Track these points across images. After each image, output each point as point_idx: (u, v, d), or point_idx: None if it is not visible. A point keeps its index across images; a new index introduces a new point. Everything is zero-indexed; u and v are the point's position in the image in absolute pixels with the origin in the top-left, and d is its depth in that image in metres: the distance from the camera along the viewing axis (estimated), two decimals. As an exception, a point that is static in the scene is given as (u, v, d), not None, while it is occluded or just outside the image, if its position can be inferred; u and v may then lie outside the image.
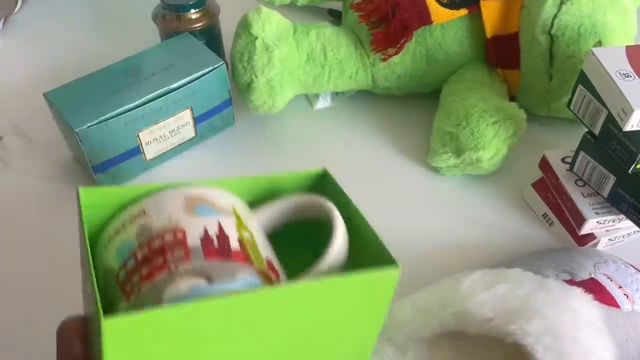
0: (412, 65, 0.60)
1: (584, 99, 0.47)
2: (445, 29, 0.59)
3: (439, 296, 0.39)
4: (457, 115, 0.55)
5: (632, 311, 0.40)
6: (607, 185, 0.47)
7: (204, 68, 0.55)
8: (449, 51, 0.60)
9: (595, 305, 0.37)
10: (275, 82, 0.56)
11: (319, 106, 0.65)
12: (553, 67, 0.56)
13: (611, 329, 0.37)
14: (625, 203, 0.46)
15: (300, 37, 0.58)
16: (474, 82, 0.59)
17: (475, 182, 0.56)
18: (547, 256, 0.45)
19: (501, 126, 0.53)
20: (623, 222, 0.48)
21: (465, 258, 0.49)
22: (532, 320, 0.35)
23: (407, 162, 0.59)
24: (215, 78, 0.56)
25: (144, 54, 0.57)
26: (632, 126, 0.43)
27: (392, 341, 0.40)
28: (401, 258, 0.49)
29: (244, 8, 0.59)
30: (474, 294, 0.37)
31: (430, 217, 0.53)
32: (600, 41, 0.54)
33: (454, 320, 0.38)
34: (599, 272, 0.42)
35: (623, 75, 0.44)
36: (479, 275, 0.39)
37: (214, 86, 0.56)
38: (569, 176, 0.50)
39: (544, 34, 0.55)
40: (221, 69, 0.56)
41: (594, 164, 0.48)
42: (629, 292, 0.41)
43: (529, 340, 0.34)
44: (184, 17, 0.61)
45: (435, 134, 0.57)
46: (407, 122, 0.63)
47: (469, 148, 0.53)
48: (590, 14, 0.53)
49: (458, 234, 0.52)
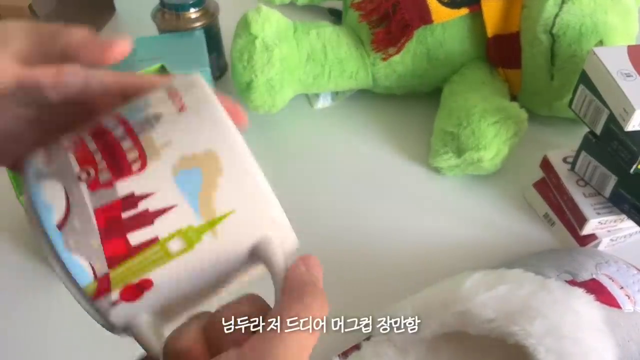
0: (412, 65, 0.60)
1: (585, 98, 0.47)
2: (446, 28, 0.58)
3: (439, 297, 0.39)
4: (458, 115, 0.54)
5: (634, 312, 0.40)
6: (609, 185, 0.47)
7: (187, 69, 0.54)
8: (449, 50, 0.59)
9: (597, 306, 0.37)
10: (275, 82, 0.56)
11: (319, 106, 0.64)
12: (554, 66, 0.56)
13: (612, 329, 0.36)
14: (626, 203, 0.46)
15: (300, 36, 0.58)
16: (475, 81, 0.58)
17: (476, 183, 0.56)
18: (548, 257, 0.45)
19: (502, 126, 0.52)
20: (624, 223, 0.48)
21: (466, 258, 0.49)
22: (534, 321, 0.35)
23: (407, 162, 0.58)
24: None
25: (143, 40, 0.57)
26: (633, 126, 0.42)
27: (393, 342, 0.40)
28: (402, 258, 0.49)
29: (244, 7, 0.58)
30: (475, 294, 0.37)
31: (431, 217, 0.53)
32: (602, 41, 0.53)
33: (455, 321, 0.37)
34: (600, 272, 0.42)
35: (625, 75, 0.43)
36: (480, 275, 0.39)
37: None
38: (571, 176, 0.50)
39: (546, 34, 0.55)
40: (204, 73, 0.55)
41: (596, 164, 0.48)
42: (631, 293, 0.41)
43: (530, 341, 0.34)
44: (183, 16, 0.61)
45: (436, 134, 0.57)
46: (407, 122, 0.63)
47: (470, 148, 0.52)
48: (592, 14, 0.53)
49: (459, 234, 0.52)
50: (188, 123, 0.22)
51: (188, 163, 0.21)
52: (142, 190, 0.21)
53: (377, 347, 0.40)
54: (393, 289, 0.44)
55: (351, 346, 0.41)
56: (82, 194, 0.21)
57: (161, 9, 0.62)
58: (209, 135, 0.22)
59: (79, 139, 0.22)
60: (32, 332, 0.45)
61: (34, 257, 0.50)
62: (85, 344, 0.44)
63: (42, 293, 0.48)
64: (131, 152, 0.21)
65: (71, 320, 0.46)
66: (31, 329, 0.45)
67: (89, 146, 0.22)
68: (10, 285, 0.48)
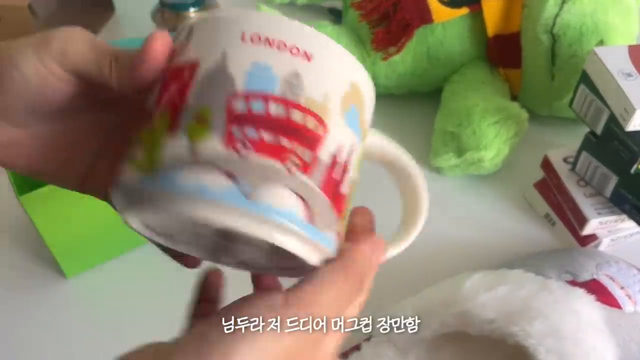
0: (413, 64, 0.60)
1: (586, 98, 0.47)
2: (446, 28, 0.58)
3: (440, 297, 0.39)
4: (459, 115, 0.54)
5: (634, 312, 0.40)
6: (609, 185, 0.47)
7: None
8: (450, 50, 0.59)
9: (598, 307, 0.37)
10: (276, 82, 0.56)
11: (320, 106, 0.64)
12: (555, 66, 0.56)
13: (613, 330, 0.36)
14: (627, 203, 0.46)
15: (300, 36, 0.58)
16: (475, 81, 0.58)
17: (477, 182, 0.56)
18: (549, 257, 0.45)
19: (503, 126, 0.52)
20: (625, 223, 0.48)
21: (467, 259, 0.49)
22: (534, 321, 0.35)
23: (407, 162, 0.58)
24: None
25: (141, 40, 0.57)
26: (634, 126, 0.42)
27: (393, 342, 0.40)
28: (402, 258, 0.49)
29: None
30: (476, 295, 0.37)
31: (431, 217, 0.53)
32: (603, 40, 0.53)
33: (455, 322, 0.37)
34: (601, 273, 0.42)
35: (625, 74, 0.43)
36: (480, 276, 0.39)
37: None
38: (571, 176, 0.50)
39: (546, 33, 0.54)
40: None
41: (596, 164, 0.47)
42: (631, 293, 0.41)
43: (531, 342, 0.34)
44: (183, 16, 0.61)
45: (436, 134, 0.57)
46: (407, 122, 0.63)
47: (470, 148, 0.52)
48: (592, 13, 0.53)
49: (459, 234, 0.51)
50: (322, 65, 0.22)
51: (346, 104, 0.22)
52: (335, 148, 0.22)
53: (377, 347, 0.40)
54: (393, 289, 0.44)
55: (351, 347, 0.41)
56: (305, 183, 0.21)
57: (161, 8, 0.62)
58: (343, 69, 0.23)
59: (249, 139, 0.20)
60: (32, 332, 0.45)
61: (34, 257, 0.50)
62: (85, 344, 0.44)
63: (42, 293, 0.48)
64: (307, 120, 0.21)
65: (71, 320, 0.46)
66: (31, 328, 0.45)
67: (268, 140, 0.20)
68: (10, 285, 0.48)
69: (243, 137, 0.20)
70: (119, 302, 0.47)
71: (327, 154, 0.21)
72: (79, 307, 0.47)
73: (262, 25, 0.22)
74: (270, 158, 0.20)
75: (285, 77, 0.21)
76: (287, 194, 0.20)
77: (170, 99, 0.21)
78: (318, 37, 0.22)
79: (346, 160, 0.22)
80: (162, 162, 0.20)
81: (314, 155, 0.21)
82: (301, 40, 0.22)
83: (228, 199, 0.20)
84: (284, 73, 0.21)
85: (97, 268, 0.49)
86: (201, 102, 0.21)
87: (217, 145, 0.20)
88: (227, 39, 0.21)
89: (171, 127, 0.21)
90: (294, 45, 0.21)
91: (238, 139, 0.20)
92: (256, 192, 0.20)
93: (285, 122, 0.20)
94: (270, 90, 0.21)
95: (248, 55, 0.21)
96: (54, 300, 0.47)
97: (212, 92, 0.21)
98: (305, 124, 0.21)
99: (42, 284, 0.48)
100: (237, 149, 0.20)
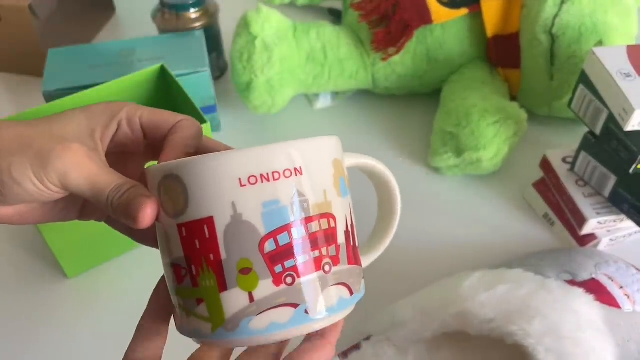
0: (412, 65, 0.60)
1: (584, 98, 0.47)
2: (445, 29, 0.58)
3: (439, 297, 0.39)
4: (458, 115, 0.54)
5: (633, 312, 0.40)
6: (608, 185, 0.47)
7: (187, 69, 0.54)
8: (449, 51, 0.59)
9: (597, 306, 0.37)
10: (275, 82, 0.56)
11: (319, 106, 0.64)
12: (554, 66, 0.56)
13: (612, 329, 0.37)
14: (626, 203, 0.46)
15: (300, 36, 0.58)
16: (474, 81, 0.58)
17: (476, 182, 0.56)
18: (548, 256, 0.45)
19: (502, 126, 0.52)
20: (624, 222, 0.48)
21: (466, 258, 0.49)
22: (533, 320, 0.35)
23: (407, 162, 0.58)
24: (197, 81, 0.55)
25: (143, 40, 0.58)
26: (633, 126, 0.42)
27: (393, 342, 0.40)
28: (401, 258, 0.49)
29: (244, 7, 0.59)
30: (475, 294, 0.37)
31: (430, 217, 0.53)
32: (602, 41, 0.53)
33: (454, 321, 0.37)
34: (600, 272, 0.42)
35: (624, 75, 0.44)
36: (479, 275, 0.39)
37: (195, 89, 0.55)
38: (570, 176, 0.50)
39: (545, 34, 0.55)
40: (204, 74, 0.55)
41: (595, 164, 0.48)
42: (630, 293, 0.41)
43: (530, 341, 0.34)
44: (183, 16, 0.61)
45: (435, 134, 0.57)
46: (407, 122, 0.63)
47: (469, 148, 0.52)
48: (591, 14, 0.53)
49: (458, 234, 0.52)
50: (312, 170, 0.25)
51: (336, 180, 0.26)
52: (344, 223, 0.25)
53: (377, 346, 0.40)
54: (393, 289, 0.44)
55: (351, 346, 0.41)
56: (340, 272, 0.25)
57: (161, 9, 0.62)
58: (325, 157, 0.26)
59: (290, 269, 0.24)
60: (34, 331, 0.45)
61: (36, 257, 0.50)
62: (84, 343, 0.45)
63: (43, 293, 0.48)
64: (321, 224, 0.24)
65: (72, 319, 0.46)
66: (33, 328, 0.45)
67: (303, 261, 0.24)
68: (11, 285, 0.48)
69: (285, 271, 0.23)
70: (120, 302, 0.47)
71: (342, 235, 0.25)
72: (80, 306, 0.47)
73: (250, 164, 0.23)
74: (312, 273, 0.24)
75: (292, 202, 0.23)
76: (334, 289, 0.24)
77: (205, 257, 0.24)
78: (298, 147, 0.24)
79: (352, 222, 0.26)
80: (228, 315, 0.24)
81: (337, 246, 0.24)
82: (288, 161, 0.24)
83: (295, 324, 0.23)
84: (289, 199, 0.23)
85: (98, 268, 0.49)
86: (238, 256, 0.23)
87: (270, 287, 0.23)
88: (228, 190, 0.23)
89: (222, 285, 0.23)
90: (285, 169, 0.24)
91: (282, 274, 0.23)
92: (311, 305, 0.23)
93: (309, 238, 0.24)
94: (287, 221, 0.23)
95: (254, 198, 0.23)
96: (55, 300, 0.47)
97: (242, 243, 0.23)
98: (321, 227, 0.24)
99: (44, 283, 0.48)
100: (286, 282, 0.23)
